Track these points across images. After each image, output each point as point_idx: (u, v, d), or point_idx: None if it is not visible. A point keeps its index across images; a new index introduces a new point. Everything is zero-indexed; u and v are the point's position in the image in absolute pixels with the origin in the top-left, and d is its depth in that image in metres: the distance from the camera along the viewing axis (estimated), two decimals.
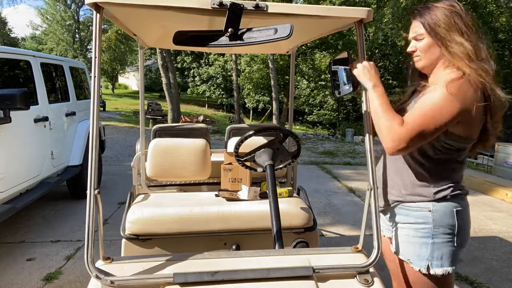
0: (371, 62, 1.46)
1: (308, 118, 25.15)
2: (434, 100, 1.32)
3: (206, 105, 33.15)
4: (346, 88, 1.60)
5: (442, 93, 1.30)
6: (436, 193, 1.42)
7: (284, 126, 3.30)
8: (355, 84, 1.50)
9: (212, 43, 1.32)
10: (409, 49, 1.50)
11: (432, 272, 1.43)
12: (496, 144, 7.86)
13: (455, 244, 1.43)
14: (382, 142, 1.38)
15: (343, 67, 1.62)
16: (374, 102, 1.41)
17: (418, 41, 1.46)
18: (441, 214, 1.41)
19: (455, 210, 1.42)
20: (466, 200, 1.47)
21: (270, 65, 16.96)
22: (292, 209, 2.18)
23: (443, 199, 1.42)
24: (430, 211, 1.42)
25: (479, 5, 16.73)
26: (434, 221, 1.41)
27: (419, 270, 1.44)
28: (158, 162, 2.53)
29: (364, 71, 1.45)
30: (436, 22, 1.39)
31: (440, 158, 1.42)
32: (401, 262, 1.52)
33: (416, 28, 1.45)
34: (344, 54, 1.59)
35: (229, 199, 2.30)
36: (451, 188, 1.43)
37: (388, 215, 1.58)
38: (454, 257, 1.44)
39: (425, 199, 1.43)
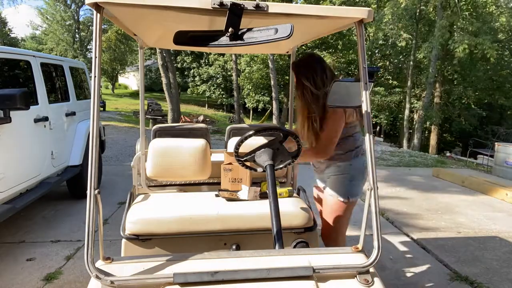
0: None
1: None
2: (331, 122, 2.14)
3: (206, 105, 33.16)
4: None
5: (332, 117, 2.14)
6: (353, 155, 2.24)
7: (284, 126, 3.31)
8: None
9: (213, 43, 1.33)
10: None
11: (351, 200, 2.26)
12: (496, 144, 7.87)
13: (359, 184, 2.27)
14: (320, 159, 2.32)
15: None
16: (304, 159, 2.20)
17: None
18: (356, 165, 2.25)
19: (364, 162, 2.23)
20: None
21: (270, 65, 16.97)
22: (292, 209, 2.18)
23: (357, 156, 2.25)
24: (350, 165, 2.24)
25: (479, 5, 16.72)
26: (352, 170, 2.24)
27: (342, 200, 2.25)
28: (158, 162, 2.53)
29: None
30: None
31: (345, 136, 2.20)
32: (329, 197, 2.31)
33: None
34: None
35: (229, 199, 2.30)
36: (359, 150, 2.26)
37: (324, 173, 2.36)
38: (359, 191, 2.29)
39: (348, 158, 2.25)
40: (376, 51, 21.66)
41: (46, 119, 4.05)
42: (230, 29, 1.27)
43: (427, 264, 3.47)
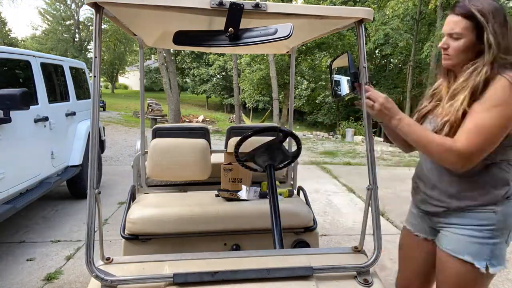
0: (383, 97, 1.40)
1: (308, 118, 25.14)
2: (487, 109, 1.27)
3: (206, 105, 33.17)
4: (346, 90, 1.60)
5: (494, 100, 1.27)
6: (502, 194, 1.40)
7: (284, 126, 3.31)
8: (354, 85, 1.50)
9: (212, 43, 1.33)
10: (441, 44, 1.43)
11: (491, 271, 1.41)
12: None
13: (506, 243, 1.43)
14: (449, 166, 1.37)
15: (342, 68, 1.62)
16: (411, 133, 1.38)
17: (454, 39, 1.38)
18: (504, 214, 1.40)
19: None
20: None
21: (270, 65, 16.95)
22: (292, 209, 2.18)
23: (507, 198, 1.41)
24: (494, 212, 1.40)
25: None
26: (498, 222, 1.40)
27: (478, 269, 1.41)
28: (158, 162, 2.53)
29: (381, 110, 1.40)
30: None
31: (499, 159, 1.38)
32: (451, 259, 1.47)
33: (453, 24, 1.37)
34: (344, 56, 1.59)
35: (229, 199, 2.30)
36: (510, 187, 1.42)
37: (441, 217, 1.53)
38: (504, 256, 1.45)
39: (489, 201, 1.41)
40: (377, 51, 21.66)
41: (46, 119, 4.04)
42: (229, 29, 1.27)
43: None
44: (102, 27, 1.31)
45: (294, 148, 2.26)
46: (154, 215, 2.06)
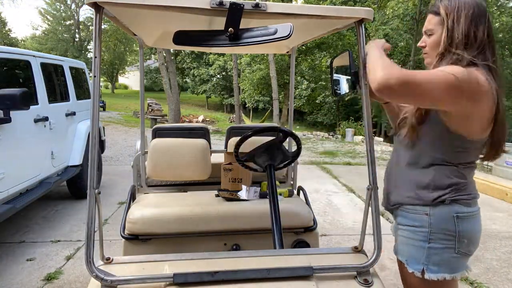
0: (381, 41, 1.41)
1: (308, 118, 25.14)
2: (435, 70, 1.26)
3: (206, 105, 33.18)
4: (346, 88, 1.60)
5: (445, 69, 1.25)
6: (434, 197, 1.37)
7: (284, 126, 3.31)
8: (355, 84, 1.50)
9: (212, 43, 1.33)
10: (419, 43, 1.46)
11: (426, 277, 1.37)
12: None
13: (456, 252, 1.37)
14: (372, 77, 1.24)
15: (343, 67, 1.62)
16: (375, 53, 1.32)
17: (428, 36, 1.41)
18: (439, 218, 1.36)
19: (455, 215, 1.36)
20: (472, 206, 1.40)
21: (270, 65, 16.96)
22: (292, 209, 2.18)
23: (441, 203, 1.37)
24: (427, 215, 1.38)
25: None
26: (431, 225, 1.37)
27: (413, 273, 1.40)
28: (158, 162, 2.53)
29: (371, 44, 1.40)
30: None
31: (444, 161, 1.38)
32: (400, 263, 1.49)
33: (427, 23, 1.41)
34: (345, 54, 1.59)
35: (229, 199, 2.30)
36: (452, 193, 1.37)
37: (394, 216, 1.56)
38: (454, 265, 1.39)
39: (422, 203, 1.39)
40: None
41: (46, 119, 4.05)
42: (229, 29, 1.27)
43: None
44: (102, 27, 1.31)
45: (294, 148, 2.26)
46: (154, 215, 2.06)
